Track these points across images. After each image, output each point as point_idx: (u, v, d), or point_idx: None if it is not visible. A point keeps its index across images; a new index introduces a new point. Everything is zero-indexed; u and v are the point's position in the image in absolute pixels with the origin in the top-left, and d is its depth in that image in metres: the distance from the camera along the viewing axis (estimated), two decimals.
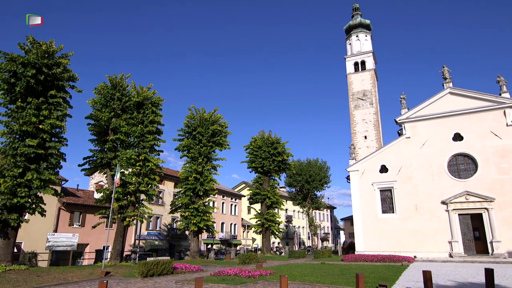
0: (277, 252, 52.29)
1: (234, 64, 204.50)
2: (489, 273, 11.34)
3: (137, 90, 26.63)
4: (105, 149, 25.81)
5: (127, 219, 24.24)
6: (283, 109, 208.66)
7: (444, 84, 30.63)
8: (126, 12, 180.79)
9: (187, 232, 34.72)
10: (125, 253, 28.89)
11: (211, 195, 35.59)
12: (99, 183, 39.61)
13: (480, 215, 26.86)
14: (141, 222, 26.71)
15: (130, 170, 25.96)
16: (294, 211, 72.08)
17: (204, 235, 44.90)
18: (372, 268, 19.00)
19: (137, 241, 37.32)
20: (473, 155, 28.08)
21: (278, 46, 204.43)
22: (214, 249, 41.95)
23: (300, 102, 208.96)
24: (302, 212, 59.26)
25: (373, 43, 56.20)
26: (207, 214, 30.79)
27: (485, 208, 26.57)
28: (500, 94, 28.39)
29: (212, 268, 20.30)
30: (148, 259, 17.15)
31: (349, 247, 40.90)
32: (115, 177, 21.68)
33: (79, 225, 33.00)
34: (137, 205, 25.51)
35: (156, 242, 41.21)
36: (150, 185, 26.13)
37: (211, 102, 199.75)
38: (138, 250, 33.06)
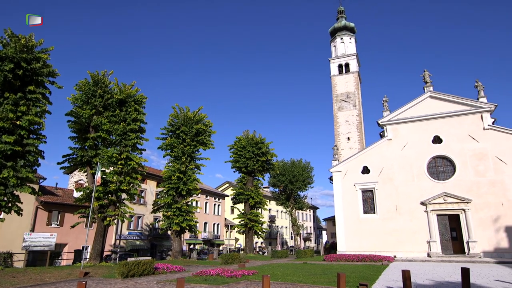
0: (260, 252, 52.41)
1: (219, 64, 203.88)
2: (465, 272, 11.68)
3: (119, 87, 26.16)
4: (86, 147, 25.25)
5: (108, 219, 23.80)
6: (268, 109, 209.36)
7: (425, 88, 31.36)
8: (111, 10, 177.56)
9: (169, 232, 34.35)
10: (105, 253, 28.35)
11: (194, 195, 35.34)
12: (79, 182, 38.72)
13: (458, 215, 27.62)
14: (122, 221, 26.27)
15: (111, 168, 25.50)
16: (277, 211, 72.36)
17: (187, 235, 44.58)
18: (353, 268, 19.26)
19: (117, 241, 36.67)
20: (451, 158, 28.86)
21: (263, 47, 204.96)
22: (197, 249, 41.67)
23: (284, 103, 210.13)
24: (285, 212, 59.62)
25: (357, 45, 57.08)
26: (190, 214, 30.55)
27: (462, 209, 27.35)
28: (478, 99, 29.27)
29: (194, 268, 20.15)
30: (129, 259, 16.86)
31: (331, 247, 41.36)
32: (95, 176, 21.22)
33: (57, 225, 32.17)
34: (118, 204, 25.07)
35: (138, 242, 40.60)
36: (132, 184, 25.72)
37: (196, 102, 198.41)
38: (118, 250, 32.48)
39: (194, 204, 37.04)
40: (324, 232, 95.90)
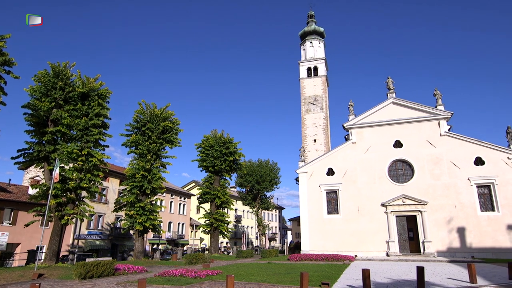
0: (225, 252, 52.22)
1: (187, 62, 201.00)
2: (420, 271, 12.30)
3: (82, 80, 25.08)
4: (43, 142, 23.98)
5: (66, 217, 22.75)
6: (236, 109, 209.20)
7: (388, 94, 32.68)
8: (83, 5, 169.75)
9: (131, 232, 33.38)
10: (61, 254, 27.08)
11: (159, 194, 34.61)
12: (35, 178, 36.65)
13: (415, 217, 29.02)
14: (81, 220, 25.20)
15: (71, 165, 24.39)
16: (243, 211, 72.47)
17: (150, 234, 43.53)
18: (316, 267, 19.67)
19: (76, 241, 35.08)
20: (410, 162, 30.28)
21: (232, 46, 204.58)
22: (160, 249, 40.80)
23: (253, 103, 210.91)
24: (252, 212, 59.78)
25: (326, 49, 58.45)
26: (154, 213, 29.86)
27: (419, 211, 28.77)
28: (436, 106, 30.92)
29: (157, 269, 19.71)
30: (87, 259, 16.23)
31: (295, 246, 42.02)
32: (53, 172, 20.22)
33: (9, 223, 30.26)
34: (77, 202, 24.04)
35: (97, 242, 39.10)
36: (92, 182, 24.76)
37: (164, 99, 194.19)
38: (76, 250, 31.08)
39: (158, 203, 36.22)
40: (289, 232, 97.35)
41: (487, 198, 27.93)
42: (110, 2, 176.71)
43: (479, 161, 28.37)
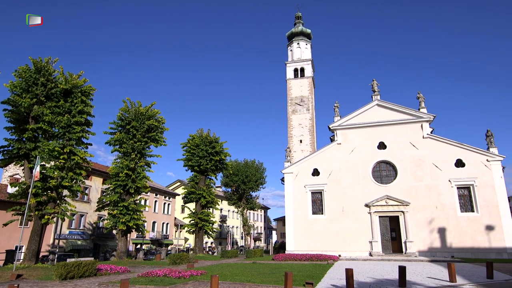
0: (210, 252, 52.00)
1: (174, 61, 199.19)
2: (402, 270, 12.54)
3: (65, 77, 24.53)
4: (24, 139, 23.36)
5: (46, 217, 22.22)
6: (223, 109, 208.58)
7: (373, 96, 33.16)
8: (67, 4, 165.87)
9: (114, 231, 32.87)
10: (41, 254, 26.43)
11: (143, 193, 34.18)
12: (14, 176, 35.68)
13: (397, 217, 29.54)
14: (62, 220, 24.65)
15: (52, 163, 23.81)
16: (229, 211, 72.29)
17: (133, 234, 42.98)
18: (301, 267, 19.78)
19: (56, 241, 34.29)
20: (394, 163, 30.81)
21: (220, 46, 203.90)
22: (144, 249, 40.30)
23: (240, 103, 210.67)
24: (237, 212, 59.72)
25: (313, 51, 58.87)
26: (138, 213, 29.48)
27: (402, 211, 29.31)
28: (419, 109, 31.56)
29: (140, 269, 19.46)
30: (68, 260, 15.86)
31: (280, 246, 42.19)
32: (34, 170, 19.71)
33: None
34: (58, 201, 23.49)
35: (79, 242, 38.32)
36: (74, 180, 24.25)
37: (149, 98, 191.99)
38: (57, 250, 30.39)
39: (142, 202, 35.77)
40: (274, 232, 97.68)
41: (467, 199, 28.68)
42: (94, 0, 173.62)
43: (459, 163, 29.10)
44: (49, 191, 22.95)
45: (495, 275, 15.25)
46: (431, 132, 31.05)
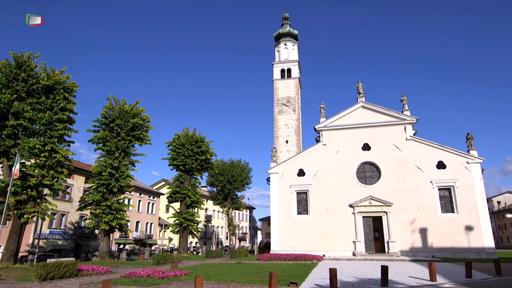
0: (194, 252, 51.65)
1: (160, 60, 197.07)
2: (384, 270, 12.74)
3: (47, 73, 23.96)
4: (3, 136, 22.71)
5: (26, 216, 21.65)
6: (209, 109, 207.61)
7: (358, 98, 33.59)
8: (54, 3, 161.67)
9: (96, 231, 32.29)
10: (20, 254, 25.72)
11: (127, 192, 33.68)
12: None
13: (381, 217, 30.00)
14: (43, 219, 24.06)
15: (32, 161, 23.21)
16: (214, 210, 71.95)
17: (116, 234, 42.30)
18: (285, 267, 19.86)
19: (36, 241, 33.39)
20: (378, 164, 31.28)
21: (206, 45, 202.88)
22: (127, 249, 39.71)
23: (226, 103, 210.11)
24: (222, 212, 59.49)
25: (300, 52, 59.20)
26: (121, 212, 29.05)
27: (385, 212, 29.78)
28: (402, 112, 32.14)
29: (123, 270, 19.17)
30: (48, 260, 15.51)
31: (265, 246, 42.28)
32: (13, 168, 19.18)
33: None
34: (38, 200, 22.92)
35: (60, 242, 37.46)
36: (56, 179, 23.71)
37: (134, 97, 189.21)
38: (37, 250, 29.58)
39: (126, 202, 35.25)
40: (259, 232, 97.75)
41: (447, 200, 29.37)
42: None
43: (441, 165, 29.78)
44: (29, 190, 22.36)
45: (474, 274, 15.67)
46: (414, 134, 31.66)
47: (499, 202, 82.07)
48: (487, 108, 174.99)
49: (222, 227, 73.66)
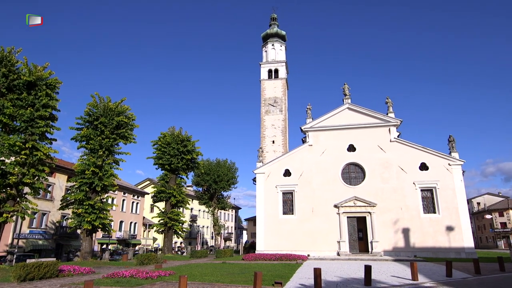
0: (179, 252, 51.22)
1: (147, 60, 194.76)
2: (367, 269, 12.92)
3: (29, 68, 23.37)
4: None
5: (5, 215, 21.08)
6: (196, 108, 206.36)
7: (344, 100, 33.95)
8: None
9: (79, 231, 31.66)
10: None
11: (111, 191, 33.15)
12: None
13: (365, 218, 30.40)
14: (23, 218, 23.45)
15: (12, 158, 22.58)
16: (199, 210, 71.55)
17: (99, 234, 41.57)
18: (270, 267, 19.90)
19: (15, 241, 32.52)
20: (362, 165, 31.69)
21: (193, 44, 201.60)
22: (110, 250, 39.07)
23: (213, 102, 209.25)
24: (208, 212, 59.17)
25: (287, 52, 59.48)
26: (104, 212, 28.57)
27: (369, 212, 30.19)
28: (387, 114, 32.65)
29: (105, 270, 18.86)
30: (28, 260, 15.12)
31: (251, 246, 42.23)
32: None
33: None
34: (18, 199, 22.31)
35: (40, 242, 36.57)
36: (37, 177, 23.13)
37: (119, 95, 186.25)
38: (16, 250, 28.84)
39: (109, 201, 34.67)
40: (244, 232, 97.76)
41: (429, 201, 30.00)
42: None
43: (423, 167, 30.39)
44: (8, 188, 21.76)
45: (454, 273, 16.04)
46: (398, 136, 32.21)
47: (478, 203, 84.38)
48: (468, 112, 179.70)
49: (207, 227, 73.31)
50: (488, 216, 47.63)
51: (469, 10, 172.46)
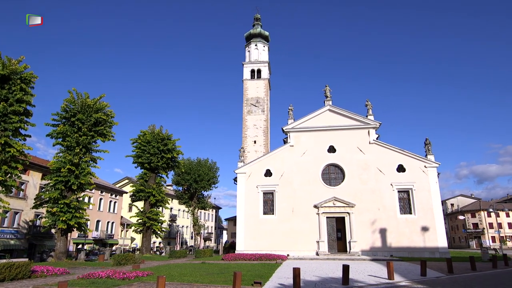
0: (158, 252, 50.50)
1: (129, 58, 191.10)
2: (345, 269, 13.11)
3: (2, 61, 22.48)
4: None
5: None
6: (177, 107, 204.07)
7: (325, 102, 34.38)
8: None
9: (53, 230, 30.71)
10: None
11: (88, 190, 32.31)
12: None
13: (343, 218, 30.88)
14: None
15: None
16: (179, 210, 70.74)
17: (75, 234, 40.48)
18: (250, 266, 19.90)
19: None
20: (342, 166, 32.17)
21: (175, 43, 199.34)
22: (86, 250, 38.10)
23: (195, 101, 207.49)
24: (188, 212, 58.57)
25: (270, 53, 59.67)
26: (80, 211, 27.80)
27: (348, 213, 30.68)
28: (366, 116, 33.28)
29: (80, 271, 18.35)
30: None
31: (231, 246, 42.08)
32: None
33: None
34: None
35: (12, 242, 35.22)
36: (9, 175, 22.27)
37: (99, 92, 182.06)
38: None
39: (86, 200, 33.80)
40: (225, 232, 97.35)
41: (406, 202, 30.78)
42: None
43: (401, 168, 31.16)
44: None
45: (428, 273, 16.50)
46: (376, 138, 32.89)
47: (452, 205, 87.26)
48: (444, 115, 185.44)
49: (187, 226, 72.61)
50: (461, 217, 49.32)
51: (444, 10, 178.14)
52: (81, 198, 29.62)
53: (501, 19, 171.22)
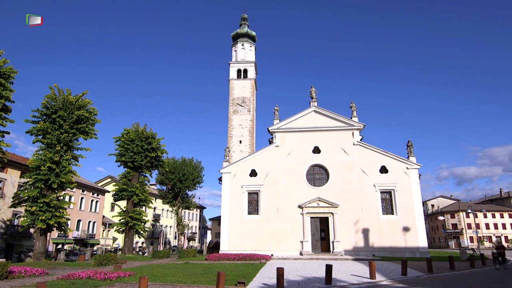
0: (140, 252, 49.79)
1: (116, 57, 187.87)
2: (328, 268, 13.23)
3: None
4: None
5: None
6: (162, 106, 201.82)
7: (311, 103, 34.64)
8: None
9: (32, 230, 29.88)
10: None
11: (68, 189, 31.58)
12: None
13: (327, 218, 31.18)
14: None
15: None
16: (163, 209, 69.98)
17: (55, 233, 39.54)
18: (234, 266, 19.86)
19: None
20: (326, 167, 32.48)
21: (161, 42, 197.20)
22: (66, 250, 37.25)
23: (180, 100, 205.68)
24: (171, 211, 58.00)
25: (256, 53, 59.76)
26: (61, 210, 27.14)
27: (331, 213, 31.00)
28: (351, 118, 33.70)
29: (60, 271, 17.93)
30: None
31: (215, 246, 41.88)
32: None
33: None
34: None
35: None
36: None
37: (82, 90, 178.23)
38: None
39: (67, 199, 33.03)
40: (209, 232, 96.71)
41: (388, 203, 31.32)
42: None
43: (383, 170, 31.68)
44: None
45: (409, 272, 16.85)
46: (360, 140, 33.34)
47: (432, 205, 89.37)
48: (426, 117, 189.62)
49: (171, 226, 71.90)
50: (441, 218, 50.46)
51: (428, 10, 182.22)
52: (61, 197, 28.94)
53: (479, 19, 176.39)
